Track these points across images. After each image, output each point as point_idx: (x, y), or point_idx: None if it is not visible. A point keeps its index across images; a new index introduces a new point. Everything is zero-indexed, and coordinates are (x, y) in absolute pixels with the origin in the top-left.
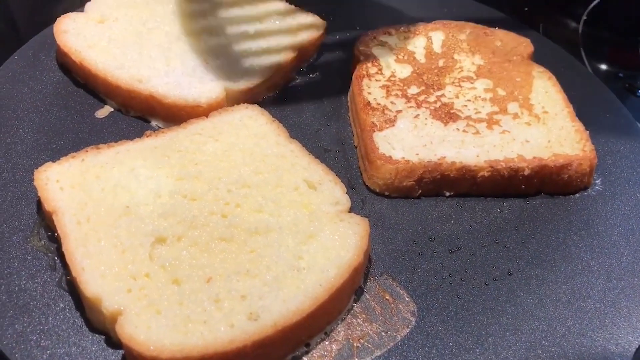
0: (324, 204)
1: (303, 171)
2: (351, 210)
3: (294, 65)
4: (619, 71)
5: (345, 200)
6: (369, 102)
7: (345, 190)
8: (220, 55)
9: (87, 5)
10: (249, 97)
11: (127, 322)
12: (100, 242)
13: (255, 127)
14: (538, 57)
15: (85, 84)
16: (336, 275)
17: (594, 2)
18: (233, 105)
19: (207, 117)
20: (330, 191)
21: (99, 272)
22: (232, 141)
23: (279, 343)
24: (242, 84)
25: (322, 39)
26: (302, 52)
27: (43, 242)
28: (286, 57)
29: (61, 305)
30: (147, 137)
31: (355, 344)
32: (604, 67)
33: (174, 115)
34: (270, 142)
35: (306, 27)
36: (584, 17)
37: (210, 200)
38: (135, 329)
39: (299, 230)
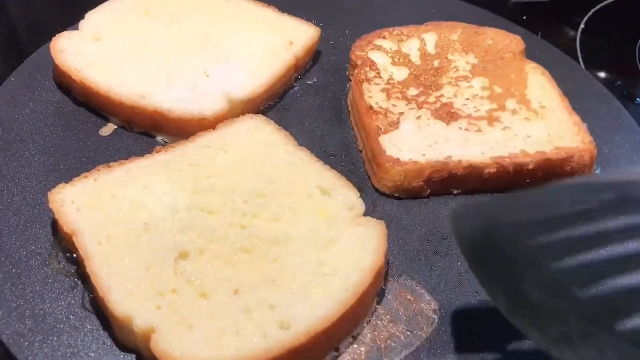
0: (340, 209)
1: (315, 178)
2: (365, 213)
3: (292, 73)
4: (617, 79)
5: (359, 205)
6: (371, 106)
7: (359, 194)
8: (219, 66)
9: (81, 23)
10: (251, 107)
11: (161, 339)
12: (124, 261)
13: (263, 136)
14: (528, 53)
15: (86, 103)
16: (360, 278)
17: (592, 11)
18: (236, 116)
19: (214, 129)
20: (344, 196)
21: (126, 291)
22: (242, 152)
23: (311, 349)
24: (244, 95)
25: (317, 46)
26: (299, 60)
27: (62, 265)
28: (285, 65)
29: (88, 326)
30: (157, 152)
31: (382, 345)
32: (602, 74)
33: (180, 129)
34: (279, 150)
35: (301, 35)
36: (582, 26)
37: (228, 212)
38: (170, 346)
39: (318, 237)
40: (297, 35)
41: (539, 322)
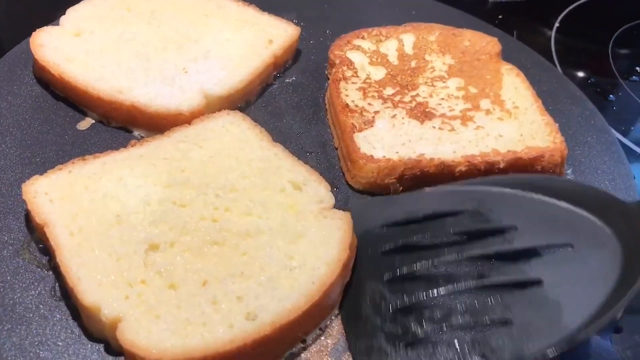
0: (309, 203)
1: (288, 173)
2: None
3: (271, 71)
4: (591, 77)
5: (329, 198)
6: (347, 104)
7: (330, 188)
8: (198, 63)
9: (62, 19)
10: (228, 104)
11: (127, 328)
12: (94, 252)
13: (238, 132)
14: (505, 55)
15: (65, 97)
16: (327, 271)
17: (567, 10)
18: (213, 112)
19: (189, 124)
20: (315, 190)
21: (95, 281)
22: (217, 147)
23: (277, 341)
24: (222, 91)
25: (297, 45)
26: (278, 58)
27: (34, 255)
28: (263, 63)
29: (58, 316)
30: (132, 146)
31: None
32: (576, 73)
33: (157, 124)
34: (254, 146)
35: (280, 33)
36: (557, 25)
37: (200, 206)
38: (136, 335)
39: (287, 231)
40: (277, 34)
41: (355, 331)
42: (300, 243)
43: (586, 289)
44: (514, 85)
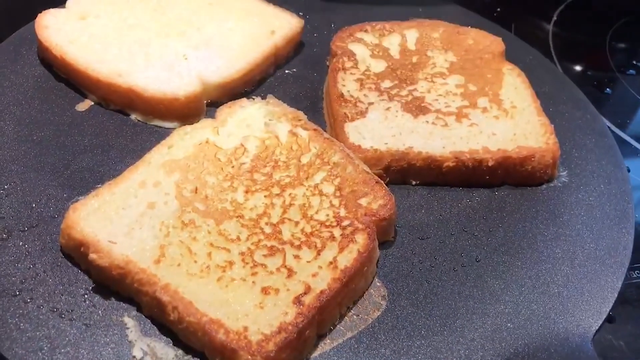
0: None
1: None
2: None
3: (271, 62)
4: (588, 70)
5: None
6: (342, 94)
7: None
8: (199, 50)
9: (69, 2)
10: (226, 92)
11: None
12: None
13: None
14: (509, 55)
15: (67, 79)
16: None
17: (564, 4)
18: (209, 100)
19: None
20: None
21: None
22: None
23: None
24: (219, 79)
25: (299, 38)
26: (279, 49)
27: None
28: (263, 54)
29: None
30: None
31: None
32: (574, 66)
33: (153, 108)
34: None
35: (283, 25)
36: (554, 19)
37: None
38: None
39: None
40: (280, 25)
41: None
42: None
43: None
44: (514, 85)
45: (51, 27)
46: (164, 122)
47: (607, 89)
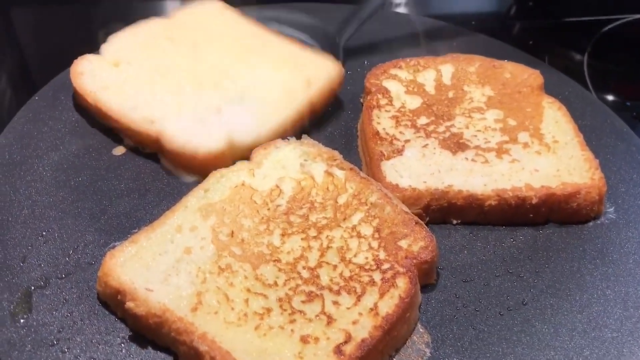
0: None
1: None
2: None
3: (306, 116)
4: (626, 101)
5: None
6: (378, 131)
7: None
8: (231, 104)
9: (103, 48)
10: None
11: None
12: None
13: None
14: (547, 88)
15: (102, 124)
16: None
17: (598, 35)
18: (236, 159)
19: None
20: None
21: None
22: None
23: None
24: (247, 140)
25: (338, 88)
26: (315, 105)
27: None
28: (298, 110)
29: None
30: None
31: None
32: (610, 97)
33: (175, 159)
34: None
35: (321, 74)
36: (589, 49)
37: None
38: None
39: None
40: (316, 75)
41: None
42: None
43: None
44: (555, 119)
45: (86, 74)
46: (187, 175)
47: None
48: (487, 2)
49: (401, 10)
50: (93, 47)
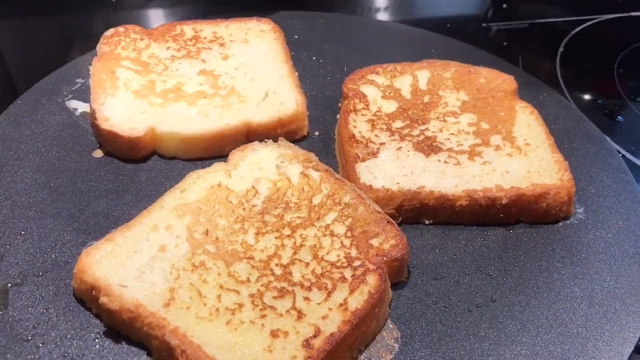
0: None
1: None
2: None
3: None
4: (598, 99)
5: None
6: (354, 135)
7: None
8: None
9: None
10: None
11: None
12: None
13: None
14: (523, 93)
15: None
16: None
17: (570, 35)
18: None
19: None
20: None
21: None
22: None
23: None
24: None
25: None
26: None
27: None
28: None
29: None
30: None
31: None
32: (583, 96)
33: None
34: None
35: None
36: (561, 49)
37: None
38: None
39: None
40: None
41: None
42: None
43: None
44: (527, 123)
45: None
46: None
47: (619, 117)
48: (464, 6)
49: (381, 15)
50: (70, 55)
